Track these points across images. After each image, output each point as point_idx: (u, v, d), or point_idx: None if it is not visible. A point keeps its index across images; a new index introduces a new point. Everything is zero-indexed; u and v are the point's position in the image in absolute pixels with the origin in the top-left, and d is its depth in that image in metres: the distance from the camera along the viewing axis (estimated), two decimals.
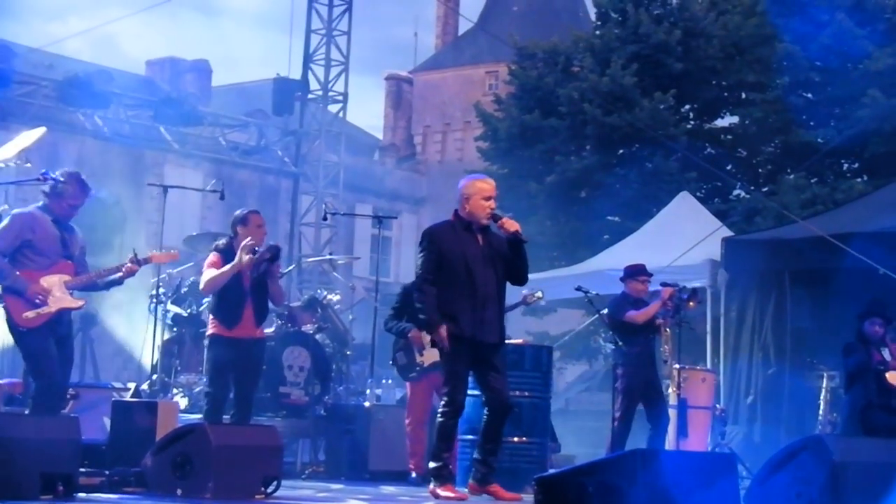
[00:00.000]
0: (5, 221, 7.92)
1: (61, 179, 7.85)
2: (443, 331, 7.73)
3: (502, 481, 8.10)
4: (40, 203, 7.95)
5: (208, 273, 8.77)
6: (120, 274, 8.05)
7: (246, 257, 8.55)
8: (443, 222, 8.12)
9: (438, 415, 7.95)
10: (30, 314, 7.70)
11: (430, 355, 9.71)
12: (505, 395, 7.96)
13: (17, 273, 7.72)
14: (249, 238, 8.63)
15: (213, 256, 8.82)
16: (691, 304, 10.54)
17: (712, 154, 25.99)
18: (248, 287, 8.73)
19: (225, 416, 9.08)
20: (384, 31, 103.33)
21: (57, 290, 7.80)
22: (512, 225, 7.93)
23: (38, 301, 7.70)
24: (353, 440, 10.56)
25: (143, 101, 19.41)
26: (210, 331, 8.89)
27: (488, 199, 7.95)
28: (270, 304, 9.35)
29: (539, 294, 10.52)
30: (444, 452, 7.93)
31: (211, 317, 8.98)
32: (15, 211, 8.06)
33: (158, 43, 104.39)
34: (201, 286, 9.07)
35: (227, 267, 8.63)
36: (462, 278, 7.81)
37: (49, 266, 7.84)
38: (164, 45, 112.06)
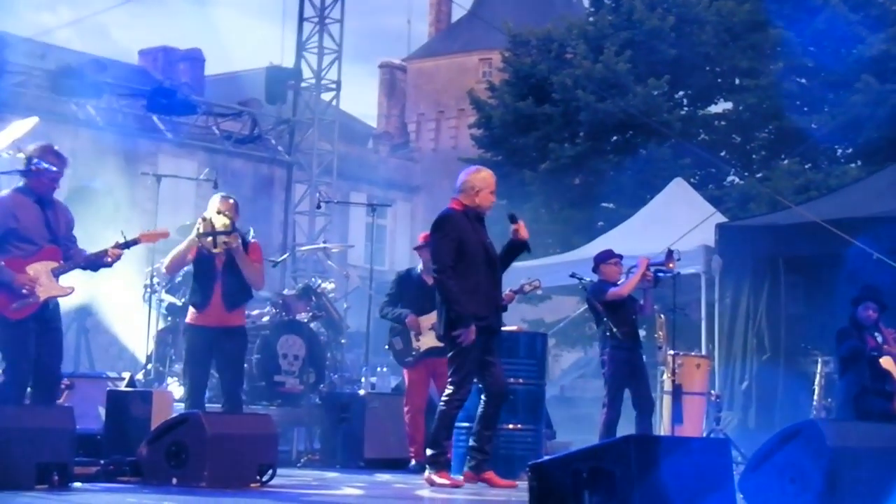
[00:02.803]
0: None
1: (44, 165, 7.61)
2: (472, 330, 7.75)
3: (497, 468, 8.14)
4: (20, 184, 7.65)
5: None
6: (108, 258, 7.78)
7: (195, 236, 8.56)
8: (453, 210, 8.06)
9: (442, 403, 7.97)
10: (17, 306, 7.43)
11: (427, 340, 9.77)
12: (503, 381, 8.05)
13: (2, 263, 7.45)
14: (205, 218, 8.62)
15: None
16: (671, 265, 10.52)
17: (706, 140, 26.00)
18: (220, 269, 8.64)
19: (216, 406, 9.10)
20: (377, 19, 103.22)
21: (44, 279, 7.51)
22: (525, 232, 8.11)
23: (24, 292, 7.42)
24: (348, 428, 10.56)
25: (136, 91, 19.38)
26: (186, 319, 8.91)
27: (493, 192, 8.11)
28: (263, 292, 9.34)
29: (536, 283, 10.53)
30: (444, 440, 7.96)
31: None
32: None
33: (150, 32, 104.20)
34: (163, 266, 9.15)
35: (182, 246, 8.64)
36: (482, 266, 7.88)
37: (35, 252, 7.54)
38: (156, 35, 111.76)
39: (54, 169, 7.64)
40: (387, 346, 10.37)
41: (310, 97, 20.86)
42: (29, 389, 7.69)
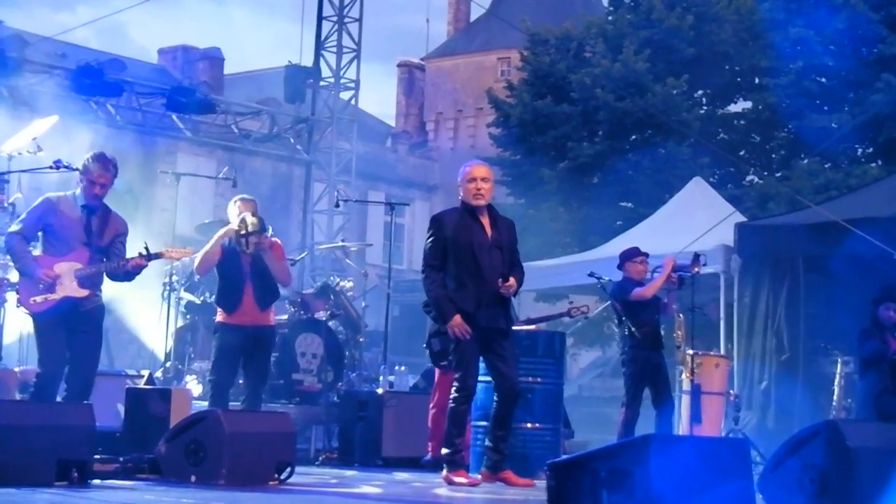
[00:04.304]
0: (35, 203, 7.92)
1: (65, 164, 7.80)
2: (458, 319, 7.76)
3: (515, 467, 8.12)
4: (77, 190, 7.89)
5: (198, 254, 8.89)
6: (127, 266, 7.86)
7: (223, 231, 8.68)
8: (450, 209, 8.25)
9: (450, 400, 7.97)
10: (37, 298, 7.67)
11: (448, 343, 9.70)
12: (514, 380, 7.98)
13: (33, 256, 7.73)
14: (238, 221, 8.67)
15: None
16: (696, 269, 10.51)
17: (725, 139, 25.94)
18: (249, 270, 8.70)
19: (236, 403, 9.12)
20: (396, 18, 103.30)
21: (66, 278, 7.72)
22: (508, 288, 7.92)
23: (42, 286, 7.65)
24: (366, 427, 10.56)
25: (155, 90, 19.41)
26: (217, 318, 8.93)
27: (472, 180, 8.00)
28: (282, 290, 9.37)
29: (585, 308, 10.47)
30: (457, 438, 7.96)
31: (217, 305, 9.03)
32: (49, 194, 7.96)
33: (168, 32, 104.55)
34: (193, 267, 9.18)
35: (211, 242, 8.70)
36: (468, 263, 7.86)
37: (67, 252, 7.76)
38: (174, 34, 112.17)
39: (76, 168, 7.76)
40: (424, 345, 10.33)
41: (328, 96, 20.86)
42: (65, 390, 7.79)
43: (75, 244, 7.80)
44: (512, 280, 7.91)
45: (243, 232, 8.50)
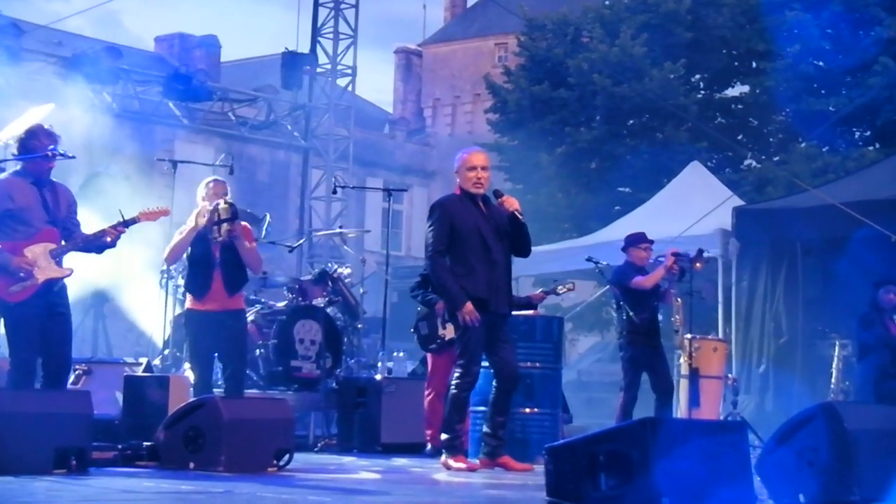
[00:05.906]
0: None
1: (60, 151, 7.55)
2: (469, 306, 7.74)
3: (514, 452, 8.13)
4: (17, 167, 7.58)
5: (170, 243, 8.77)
6: (108, 238, 7.63)
7: (201, 219, 8.48)
8: (450, 195, 8.18)
9: (452, 386, 7.97)
10: (16, 288, 7.33)
11: (453, 328, 9.69)
12: (515, 365, 8.00)
13: (0, 246, 7.38)
14: (206, 203, 8.57)
15: (182, 228, 8.81)
16: (698, 264, 10.54)
17: (723, 124, 25.94)
18: (218, 256, 8.56)
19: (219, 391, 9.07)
20: (392, 4, 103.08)
21: (42, 261, 7.40)
22: (511, 204, 7.98)
23: (22, 274, 7.32)
24: (364, 413, 10.56)
25: (152, 77, 19.41)
26: (186, 305, 8.87)
27: (472, 168, 8.00)
28: (280, 278, 9.35)
29: (570, 285, 10.47)
30: (457, 424, 7.96)
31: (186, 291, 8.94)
32: None
33: (163, 20, 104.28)
34: (163, 256, 9.10)
35: (185, 232, 8.58)
36: (477, 248, 7.85)
37: (33, 235, 7.44)
38: (170, 23, 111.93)
39: (71, 156, 7.63)
40: (412, 330, 10.34)
41: (325, 83, 20.85)
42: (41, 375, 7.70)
43: (39, 224, 7.48)
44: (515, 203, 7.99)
45: (216, 220, 8.38)
